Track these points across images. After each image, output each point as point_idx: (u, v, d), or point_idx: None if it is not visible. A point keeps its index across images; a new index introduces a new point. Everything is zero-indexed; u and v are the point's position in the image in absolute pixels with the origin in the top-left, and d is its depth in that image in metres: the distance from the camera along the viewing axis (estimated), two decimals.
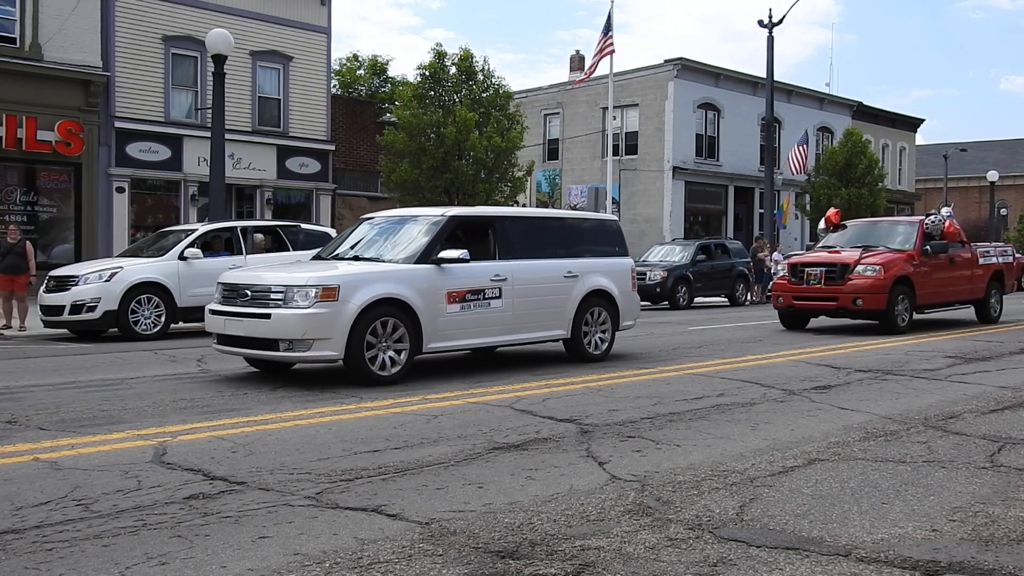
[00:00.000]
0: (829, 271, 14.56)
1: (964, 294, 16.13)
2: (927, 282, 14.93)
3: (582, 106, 37.74)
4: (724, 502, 4.50)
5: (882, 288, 14.04)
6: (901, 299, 14.33)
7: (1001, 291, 17.15)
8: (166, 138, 23.93)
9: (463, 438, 6.03)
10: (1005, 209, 59.66)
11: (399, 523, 4.14)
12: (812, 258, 15.54)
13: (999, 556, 3.74)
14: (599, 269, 10.71)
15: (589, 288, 10.42)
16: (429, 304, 8.79)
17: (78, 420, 6.71)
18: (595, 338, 10.60)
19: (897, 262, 14.47)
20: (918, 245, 14.95)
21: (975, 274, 16.29)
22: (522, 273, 9.73)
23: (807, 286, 14.69)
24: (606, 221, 11.73)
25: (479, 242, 10.00)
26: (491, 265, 9.54)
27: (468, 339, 9.38)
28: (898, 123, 47.55)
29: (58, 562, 3.62)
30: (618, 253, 11.26)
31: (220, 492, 4.66)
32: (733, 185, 37.82)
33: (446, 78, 26.51)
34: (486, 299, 9.31)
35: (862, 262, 14.40)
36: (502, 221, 9.99)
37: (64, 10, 21.95)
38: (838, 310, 14.51)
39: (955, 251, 15.88)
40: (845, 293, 14.20)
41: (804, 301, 14.82)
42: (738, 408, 7.31)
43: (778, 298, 15.42)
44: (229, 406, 7.38)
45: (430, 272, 8.91)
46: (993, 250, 17.41)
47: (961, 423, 6.72)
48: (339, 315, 8.18)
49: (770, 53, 28.08)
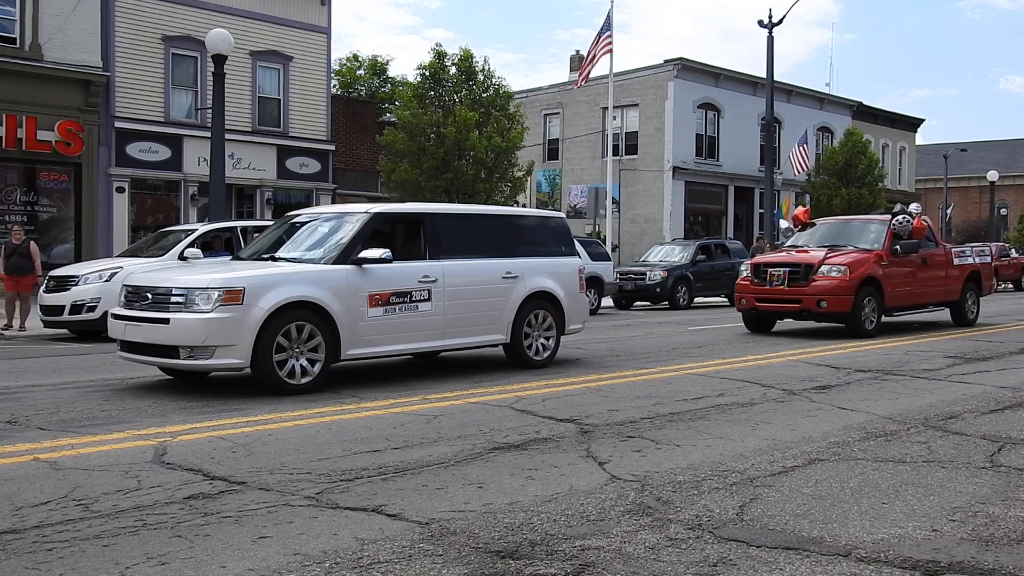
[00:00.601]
0: (792, 272, 13.95)
1: (937, 296, 15.48)
2: (897, 283, 14.38)
3: (582, 106, 37.73)
4: (724, 502, 4.50)
5: (847, 289, 13.45)
6: (868, 301, 13.76)
7: (978, 292, 16.52)
8: (166, 138, 23.94)
9: (463, 438, 6.03)
10: (1005, 209, 59.68)
11: (399, 523, 4.14)
12: (775, 258, 14.98)
13: (999, 556, 3.74)
14: (543, 270, 10.11)
15: (531, 290, 9.85)
16: (348, 308, 8.22)
17: (78, 420, 6.71)
18: (538, 343, 10.00)
19: (864, 262, 13.88)
20: (887, 245, 14.36)
21: (949, 275, 15.64)
22: (455, 274, 9.17)
23: (770, 287, 14.09)
24: (552, 218, 11.11)
25: (409, 241, 9.58)
26: (419, 265, 8.97)
27: (393, 345, 8.76)
28: (898, 123, 47.56)
29: (58, 562, 3.62)
30: (565, 253, 10.68)
31: (220, 492, 4.66)
32: (733, 185, 37.82)
33: (446, 78, 26.51)
34: (413, 302, 8.76)
35: (827, 262, 13.80)
36: (433, 218, 9.39)
37: (64, 10, 21.95)
38: (801, 312, 13.95)
39: (927, 251, 15.27)
40: (809, 295, 13.61)
41: (767, 303, 14.23)
42: (738, 408, 7.31)
43: (740, 300, 14.77)
44: (229, 406, 7.38)
45: (350, 273, 8.34)
46: (969, 250, 16.77)
47: (961, 423, 6.72)
48: (244, 320, 7.60)
49: (770, 53, 28.08)
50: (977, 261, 16.58)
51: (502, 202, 26.51)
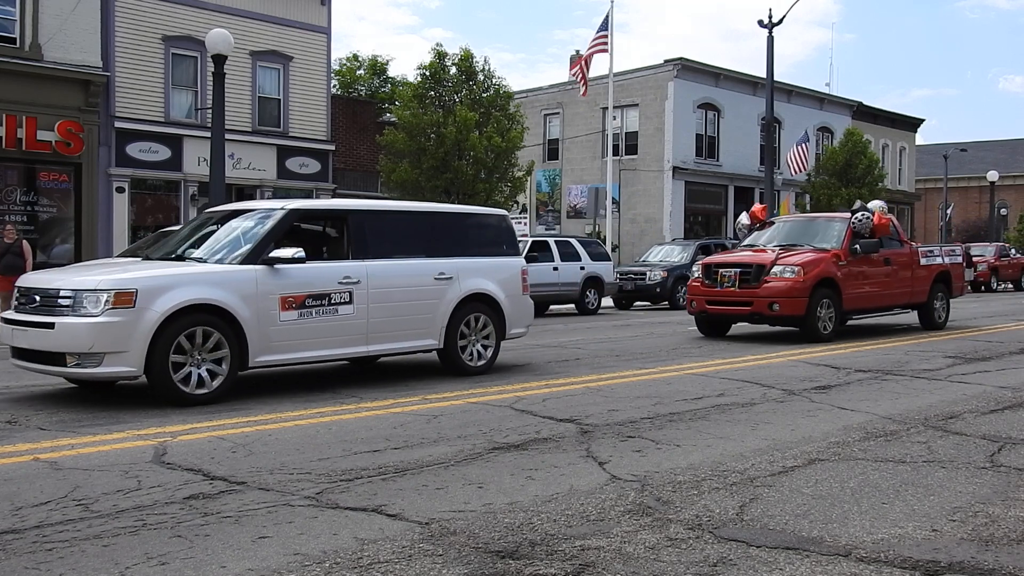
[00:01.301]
0: (744, 272, 13.25)
1: (902, 297, 14.73)
2: (856, 284, 13.63)
3: (582, 106, 37.73)
4: (724, 502, 4.50)
5: (801, 291, 12.74)
6: (824, 303, 13.01)
7: (948, 294, 15.71)
8: (166, 138, 23.93)
9: (463, 438, 6.03)
10: (1005, 209, 59.69)
11: (399, 523, 4.14)
12: (726, 258, 14.31)
13: (999, 556, 3.74)
14: (481, 270, 9.55)
15: (467, 292, 9.29)
16: (257, 311, 7.66)
17: (78, 420, 6.71)
18: (475, 348, 9.43)
19: (820, 262, 13.15)
20: (846, 244, 13.61)
21: (916, 276, 14.87)
22: (380, 275, 8.61)
23: (721, 289, 13.38)
24: (492, 216, 10.45)
25: (330, 240, 9.14)
26: (340, 266, 8.42)
27: (310, 351, 8.18)
28: (898, 123, 47.56)
29: (58, 562, 3.62)
30: (507, 252, 10.06)
31: (220, 492, 4.66)
32: (733, 185, 37.82)
33: (446, 78, 26.51)
34: (333, 305, 8.19)
35: (779, 262, 13.12)
36: (358, 215, 8.79)
37: (64, 10, 21.95)
38: (752, 315, 13.28)
39: (891, 250, 14.50)
40: (761, 297, 12.92)
41: (717, 305, 13.50)
42: (738, 408, 7.31)
43: (691, 302, 14.04)
44: (229, 406, 7.38)
45: (260, 274, 7.78)
46: (938, 250, 16.05)
47: (961, 423, 6.72)
48: (136, 324, 7.03)
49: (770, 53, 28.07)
50: (947, 261, 15.88)
51: (502, 202, 26.49)
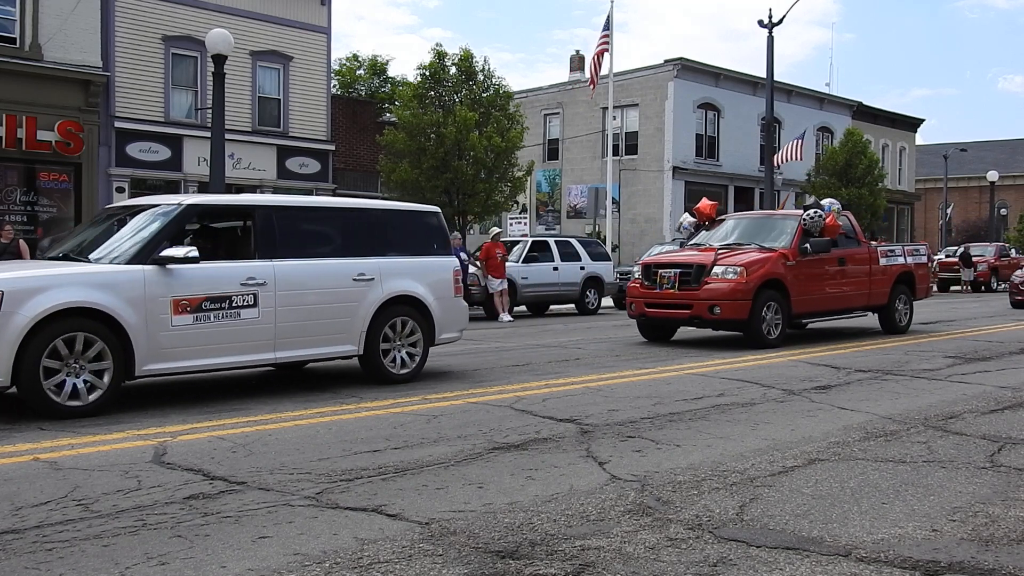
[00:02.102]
0: (683, 273, 12.47)
1: (859, 300, 13.96)
2: (806, 286, 12.82)
3: (582, 106, 37.73)
4: (724, 502, 4.50)
5: (744, 294, 11.93)
6: (770, 307, 12.19)
7: (910, 296, 14.90)
8: (166, 138, 23.93)
9: (463, 438, 6.03)
10: (1005, 209, 59.70)
11: (399, 523, 4.14)
12: (665, 258, 13.64)
13: (999, 556, 3.74)
14: (407, 271, 8.98)
15: (390, 294, 8.70)
16: (145, 315, 7.08)
17: (78, 420, 6.71)
18: (400, 355, 8.85)
19: (765, 262, 12.35)
20: (795, 243, 12.83)
21: (875, 277, 14.12)
22: (290, 276, 8.04)
23: (660, 291, 12.62)
24: (421, 213, 9.77)
25: (235, 238, 8.63)
26: (243, 266, 7.83)
27: (207, 358, 7.57)
28: (898, 123, 47.57)
29: (58, 562, 3.62)
30: (437, 252, 9.48)
31: (220, 492, 4.67)
32: (733, 185, 37.82)
33: (446, 78, 26.51)
34: (234, 308, 7.60)
35: (720, 262, 12.29)
36: (265, 211, 8.19)
37: (64, 10, 21.94)
38: (693, 319, 12.41)
39: (846, 250, 13.69)
40: (701, 299, 12.10)
41: (657, 308, 12.73)
42: (738, 408, 7.31)
43: (630, 304, 13.30)
44: (229, 406, 7.38)
45: (149, 275, 7.18)
46: (899, 249, 15.08)
47: (961, 423, 6.72)
48: (2, 330, 6.50)
49: (770, 53, 28.08)
50: (909, 261, 14.98)
51: (502, 202, 26.48)
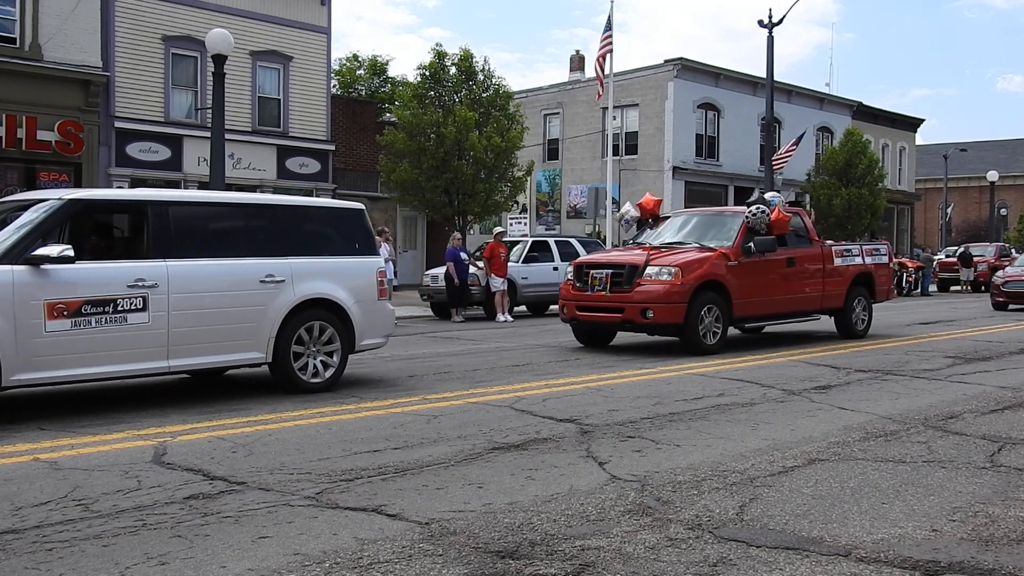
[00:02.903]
0: (615, 274, 11.67)
1: (812, 303, 13.12)
2: (750, 288, 11.96)
3: (582, 106, 37.73)
4: (724, 502, 4.50)
5: (679, 296, 11.16)
6: (709, 310, 11.41)
7: (869, 298, 14.09)
8: (166, 138, 23.93)
9: (463, 438, 6.03)
10: (1005, 209, 59.71)
11: (399, 523, 4.14)
12: (597, 258, 12.86)
13: (999, 556, 3.74)
14: (324, 272, 8.38)
15: (303, 297, 8.11)
16: (13, 320, 6.51)
17: (78, 420, 6.72)
18: (314, 362, 8.23)
19: (702, 263, 11.56)
20: (738, 241, 12.01)
21: (829, 278, 13.29)
22: (186, 277, 7.44)
23: (591, 293, 11.81)
24: (342, 210, 9.12)
25: (126, 236, 8.01)
26: (130, 266, 7.21)
27: (89, 367, 6.96)
28: (898, 123, 47.55)
29: (58, 562, 3.62)
30: (359, 251, 8.85)
31: (220, 492, 4.67)
32: (733, 185, 37.81)
33: (446, 78, 26.49)
34: (120, 312, 6.98)
35: (653, 263, 11.49)
36: (160, 207, 7.52)
37: (64, 10, 21.94)
38: (624, 323, 11.61)
39: (796, 249, 12.88)
40: (633, 302, 11.32)
41: (588, 312, 11.93)
42: (738, 408, 7.31)
43: (562, 307, 12.56)
44: (229, 406, 7.38)
45: (19, 276, 6.60)
46: (857, 248, 14.23)
47: (961, 423, 6.72)
48: None
49: (770, 53, 28.06)
50: (868, 262, 14.14)
51: (502, 202, 26.46)
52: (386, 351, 11.95)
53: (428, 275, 20.38)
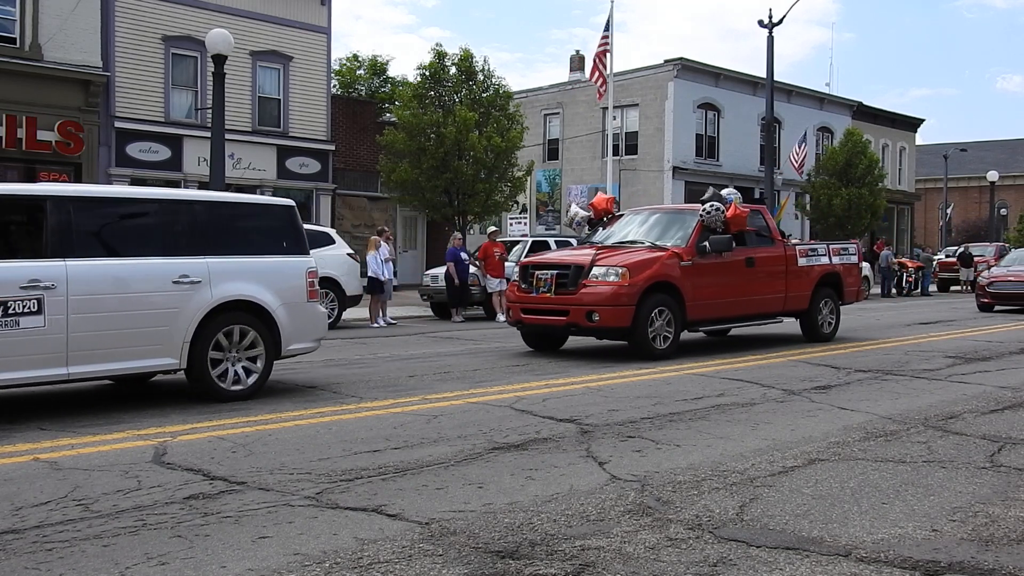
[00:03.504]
0: (561, 275, 11.06)
1: (773, 305, 12.50)
2: (706, 289, 11.39)
3: (582, 106, 37.73)
4: (724, 502, 4.50)
5: (626, 298, 10.56)
6: (660, 313, 10.78)
7: (837, 300, 13.51)
8: (166, 138, 23.93)
9: (463, 438, 6.03)
10: (1005, 209, 59.72)
11: (399, 523, 4.14)
12: (543, 258, 12.25)
13: (999, 556, 3.74)
14: (246, 273, 7.86)
15: (222, 299, 7.60)
16: None
17: (78, 420, 6.72)
18: (235, 368, 7.74)
19: (652, 263, 10.97)
20: (692, 241, 11.44)
21: (792, 279, 12.70)
22: (88, 278, 6.95)
23: (536, 295, 11.20)
24: (268, 207, 8.61)
25: (21, 234, 7.51)
26: (23, 266, 6.73)
27: None
28: (898, 123, 47.55)
29: (58, 562, 3.62)
30: (288, 251, 8.32)
31: (220, 492, 4.67)
32: (733, 185, 37.74)
33: (446, 78, 26.49)
34: (11, 315, 6.54)
35: (600, 263, 10.91)
36: (59, 203, 7.00)
37: (64, 10, 21.95)
38: (570, 327, 10.99)
39: (756, 248, 12.31)
40: (578, 305, 10.71)
41: (533, 315, 11.30)
42: (738, 408, 7.31)
43: (507, 310, 12.03)
44: (229, 406, 7.38)
45: None
46: (824, 248, 13.61)
47: (961, 423, 6.72)
48: None
49: (770, 53, 28.07)
50: (836, 262, 13.55)
51: (502, 202, 26.46)
52: (386, 351, 11.96)
53: (428, 275, 20.39)
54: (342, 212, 28.94)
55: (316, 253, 15.75)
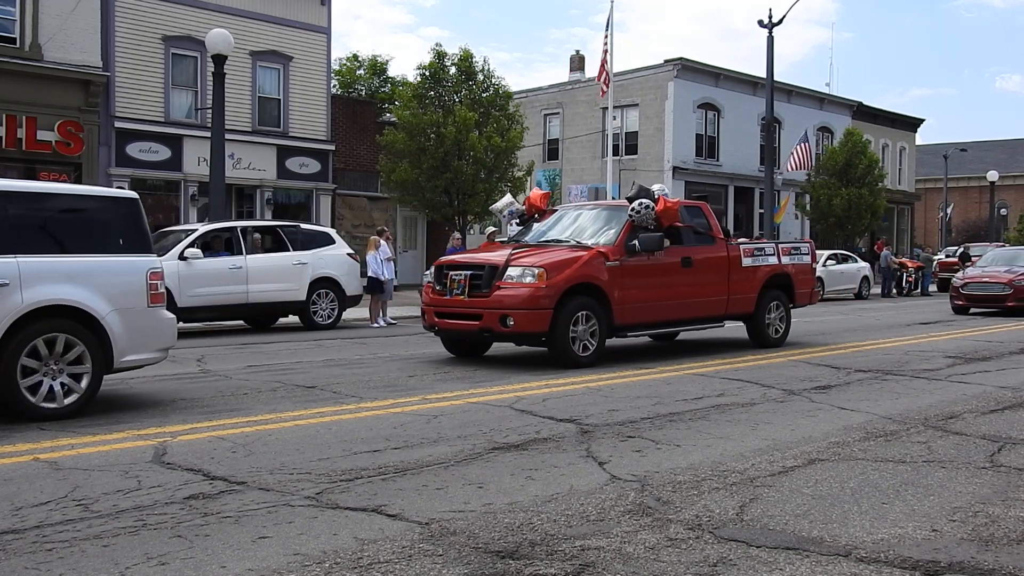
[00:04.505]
0: (475, 276, 10.22)
1: (714, 308, 11.65)
2: (635, 291, 10.56)
3: (582, 106, 37.74)
4: (724, 502, 4.50)
5: (544, 301, 9.73)
6: (582, 317, 10.00)
7: (787, 302, 12.69)
8: (166, 138, 23.93)
9: (463, 438, 6.03)
10: (1005, 209, 59.72)
11: (399, 523, 4.14)
12: (457, 257, 11.46)
13: (999, 556, 3.74)
14: (68, 274, 6.92)
15: (37, 304, 6.68)
16: None
17: (78, 420, 6.71)
18: (56, 383, 6.81)
19: (572, 263, 10.12)
20: (621, 239, 10.60)
21: (736, 280, 11.86)
22: None
23: (450, 297, 10.37)
24: (99, 199, 7.61)
25: None
26: None
27: None
28: (898, 123, 47.56)
29: (58, 562, 3.62)
30: (126, 249, 7.42)
31: (220, 492, 4.66)
32: (733, 185, 37.81)
33: (446, 78, 26.49)
34: None
35: (515, 263, 10.05)
36: None
37: (64, 10, 21.95)
38: (483, 332, 10.08)
39: (694, 247, 11.43)
40: (491, 308, 9.87)
41: (446, 319, 10.44)
42: (738, 408, 7.31)
43: (423, 313, 11.19)
44: (229, 406, 7.38)
45: None
46: (772, 248, 12.73)
47: (961, 423, 6.72)
48: None
49: (770, 53, 28.08)
50: (786, 262, 12.67)
51: None
52: (385, 351, 11.96)
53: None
54: (342, 212, 28.94)
55: (316, 253, 15.91)
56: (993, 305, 19.75)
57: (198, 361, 10.55)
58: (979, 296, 19.88)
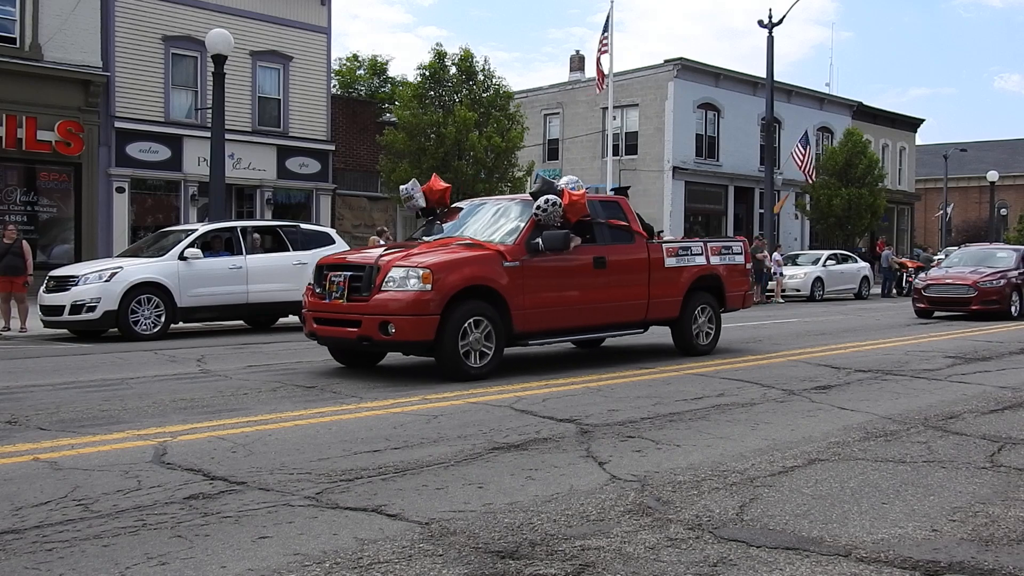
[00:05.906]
0: (354, 278, 9.13)
1: (632, 312, 10.59)
2: (539, 295, 9.51)
3: (582, 106, 37.75)
4: (724, 502, 4.50)
5: (430, 306, 8.69)
6: (474, 324, 8.94)
7: (717, 306, 11.61)
8: (166, 138, 23.95)
9: (463, 438, 6.03)
10: (1005, 209, 59.73)
11: (399, 523, 4.14)
12: (338, 257, 10.18)
13: (999, 556, 3.74)
14: None
15: None
16: None
17: (78, 420, 6.71)
18: None
19: (464, 264, 9.12)
20: (522, 238, 9.55)
21: (657, 282, 10.77)
22: None
23: (329, 301, 9.29)
24: None
25: None
26: None
27: None
28: (898, 123, 47.58)
29: (58, 562, 3.62)
30: None
31: (220, 492, 4.66)
32: (733, 185, 37.83)
33: (446, 78, 26.51)
34: None
35: (399, 264, 8.94)
36: None
37: (64, 10, 21.95)
38: (362, 339, 8.92)
39: (608, 246, 10.35)
40: (371, 314, 8.79)
41: (325, 325, 9.39)
42: (738, 408, 7.31)
43: (302, 318, 10.25)
44: (229, 406, 7.38)
45: None
46: (700, 247, 11.58)
47: (961, 423, 6.72)
48: None
49: (770, 53, 28.10)
50: (715, 262, 11.54)
51: None
52: None
53: None
54: (342, 212, 28.94)
55: (316, 253, 15.89)
56: (957, 308, 18.54)
57: (198, 361, 10.55)
58: (942, 299, 18.66)
